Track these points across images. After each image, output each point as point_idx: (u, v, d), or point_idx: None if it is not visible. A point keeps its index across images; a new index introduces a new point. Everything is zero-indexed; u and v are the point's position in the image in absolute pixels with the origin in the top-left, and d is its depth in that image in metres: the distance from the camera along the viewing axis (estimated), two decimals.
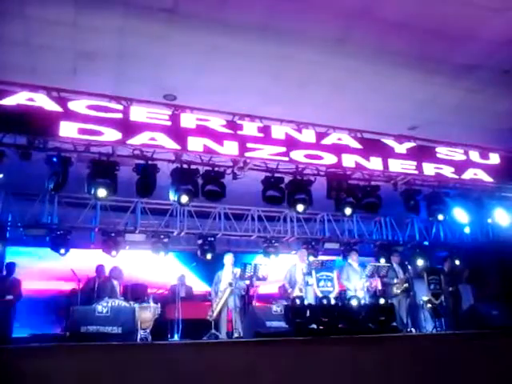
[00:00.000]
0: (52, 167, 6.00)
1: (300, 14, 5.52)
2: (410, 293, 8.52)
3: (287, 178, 7.13)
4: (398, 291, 8.60)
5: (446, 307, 8.31)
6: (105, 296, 7.53)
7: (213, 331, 7.58)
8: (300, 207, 7.05)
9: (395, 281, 8.70)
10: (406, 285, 8.54)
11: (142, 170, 6.39)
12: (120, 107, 6.10)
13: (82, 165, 6.21)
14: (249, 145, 6.47)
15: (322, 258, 9.66)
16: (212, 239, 9.77)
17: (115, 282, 8.19)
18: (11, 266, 8.25)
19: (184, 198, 6.44)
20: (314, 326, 6.32)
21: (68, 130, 5.65)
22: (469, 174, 7.71)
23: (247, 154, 6.47)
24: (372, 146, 7.26)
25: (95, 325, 6.14)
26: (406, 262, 9.00)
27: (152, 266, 10.20)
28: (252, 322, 7.16)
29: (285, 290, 8.60)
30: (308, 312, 6.34)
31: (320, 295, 7.43)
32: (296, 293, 7.86)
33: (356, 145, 7.13)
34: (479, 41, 6.03)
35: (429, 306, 8.22)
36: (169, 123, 6.22)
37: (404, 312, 8.50)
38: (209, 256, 9.60)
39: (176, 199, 6.47)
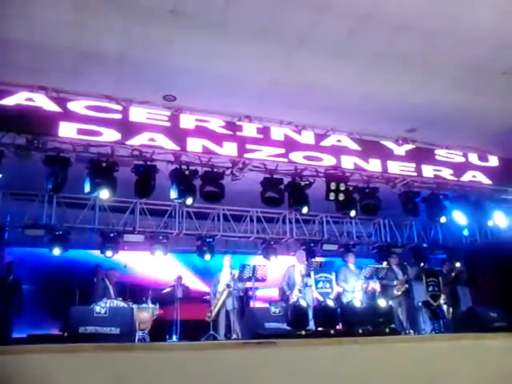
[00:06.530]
0: (51, 167, 6.00)
1: (301, 17, 5.52)
2: (410, 294, 8.53)
3: (286, 180, 7.13)
4: (399, 292, 8.60)
5: (444, 309, 8.31)
6: (97, 297, 7.52)
7: (211, 332, 7.59)
8: (305, 209, 7.07)
9: (395, 282, 8.70)
10: (407, 285, 8.55)
11: (141, 171, 6.39)
12: (119, 108, 6.09)
13: (81, 165, 6.21)
14: (248, 146, 6.47)
15: (319, 259, 9.65)
16: (211, 240, 9.78)
17: (107, 282, 8.17)
18: (11, 266, 8.24)
19: (189, 200, 6.46)
20: (314, 327, 6.33)
21: (67, 130, 5.64)
22: (468, 177, 7.71)
23: (246, 155, 6.46)
24: (371, 147, 7.26)
25: (93, 325, 6.11)
26: (405, 263, 8.99)
27: (151, 266, 10.19)
28: (250, 323, 7.14)
29: (283, 293, 8.59)
30: (308, 313, 6.35)
31: (318, 297, 7.44)
32: (295, 294, 7.86)
33: (355, 146, 7.13)
34: (480, 43, 6.03)
35: (427, 308, 8.22)
36: (168, 124, 6.21)
37: (404, 313, 8.50)
38: (207, 257, 9.61)
39: (181, 201, 6.49)
